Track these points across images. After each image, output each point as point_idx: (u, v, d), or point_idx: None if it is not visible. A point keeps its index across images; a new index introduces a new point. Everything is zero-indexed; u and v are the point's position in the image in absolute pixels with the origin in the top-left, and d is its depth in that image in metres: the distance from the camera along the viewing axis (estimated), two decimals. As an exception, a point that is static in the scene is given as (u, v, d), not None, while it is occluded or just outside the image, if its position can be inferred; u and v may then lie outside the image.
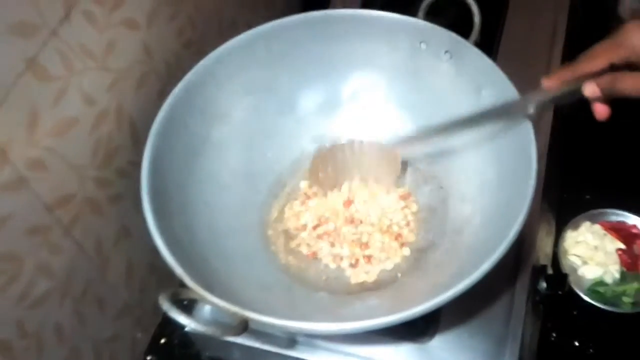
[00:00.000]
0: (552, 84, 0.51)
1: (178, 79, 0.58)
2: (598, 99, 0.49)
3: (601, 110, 0.50)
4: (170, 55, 0.64)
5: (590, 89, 0.48)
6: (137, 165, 0.54)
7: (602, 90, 0.48)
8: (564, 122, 0.76)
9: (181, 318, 0.45)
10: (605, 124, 0.51)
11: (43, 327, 0.53)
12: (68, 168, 0.53)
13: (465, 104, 0.61)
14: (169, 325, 0.72)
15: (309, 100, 0.68)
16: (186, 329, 0.58)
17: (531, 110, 0.53)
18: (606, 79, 0.48)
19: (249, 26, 0.62)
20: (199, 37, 0.69)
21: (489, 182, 0.59)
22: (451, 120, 0.58)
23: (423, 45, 0.63)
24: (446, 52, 0.62)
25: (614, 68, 0.48)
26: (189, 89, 0.59)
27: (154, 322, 0.72)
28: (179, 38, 0.65)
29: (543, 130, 0.70)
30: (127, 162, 0.60)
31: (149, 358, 0.70)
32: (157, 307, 0.69)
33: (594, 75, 0.48)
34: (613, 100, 0.49)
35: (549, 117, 0.71)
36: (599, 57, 0.48)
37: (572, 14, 0.81)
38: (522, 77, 0.56)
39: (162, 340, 0.71)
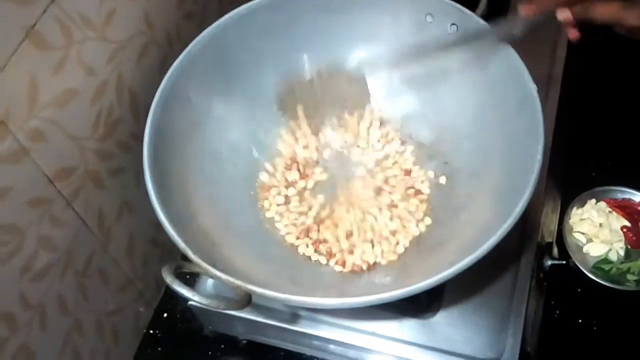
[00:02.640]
0: (529, 11, 0.53)
1: (179, 50, 0.58)
2: (570, 24, 0.52)
3: (573, 34, 0.53)
4: (171, 26, 0.63)
5: (563, 14, 0.51)
6: (138, 138, 0.53)
7: (575, 15, 0.51)
8: (571, 99, 0.75)
9: (184, 291, 0.44)
10: (612, 101, 0.51)
11: (46, 300, 0.53)
12: (69, 140, 0.52)
13: (471, 78, 0.61)
14: (171, 300, 0.72)
15: (311, 73, 0.67)
16: (189, 303, 0.59)
17: (506, 36, 0.55)
18: (580, 7, 0.51)
19: (251, -3, 0.61)
20: (200, 8, 0.68)
21: (495, 158, 0.58)
22: (421, 44, 0.59)
23: (429, 18, 0.62)
24: (453, 24, 0.61)
25: None
26: (191, 61, 0.58)
27: (157, 296, 0.72)
28: (180, 9, 0.64)
29: (550, 106, 0.69)
30: (128, 134, 0.60)
31: (151, 332, 0.71)
32: (159, 281, 0.70)
33: (570, 3, 0.51)
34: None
35: (555, 93, 0.70)
36: None
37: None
38: (529, 49, 0.55)
39: (165, 315, 0.72)
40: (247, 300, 0.46)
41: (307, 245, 0.60)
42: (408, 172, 0.65)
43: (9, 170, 0.46)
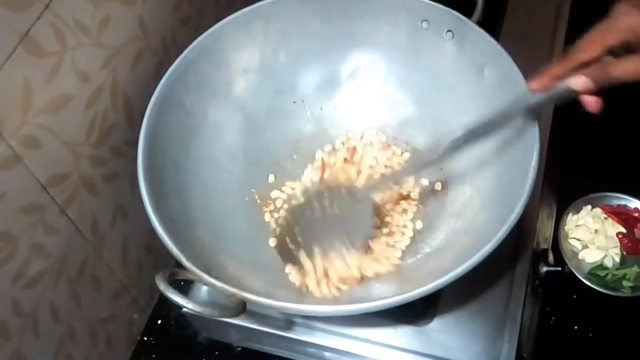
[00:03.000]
0: (539, 85, 0.48)
1: (174, 56, 0.57)
2: (590, 91, 0.46)
3: (592, 103, 0.47)
4: (166, 32, 0.63)
5: (580, 82, 0.45)
6: (133, 144, 0.53)
7: (595, 80, 0.45)
8: (566, 105, 0.75)
9: (178, 298, 0.44)
10: (608, 108, 0.49)
11: (38, 307, 0.52)
12: (63, 146, 0.52)
13: (467, 84, 0.61)
14: (165, 307, 0.71)
15: (307, 79, 0.67)
16: (183, 309, 0.59)
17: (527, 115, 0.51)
18: (599, 68, 0.45)
19: (247, 3, 0.61)
20: (196, 14, 0.68)
21: (490, 164, 0.58)
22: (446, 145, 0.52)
23: (425, 24, 0.62)
24: (448, 31, 0.61)
25: (611, 53, 0.45)
26: (186, 67, 0.58)
27: (151, 303, 0.71)
28: (175, 14, 0.64)
29: (545, 112, 0.69)
30: (122, 140, 0.60)
31: (145, 339, 0.70)
32: (153, 288, 0.70)
33: (588, 65, 0.46)
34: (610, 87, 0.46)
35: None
36: (593, 43, 0.46)
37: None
38: (526, 56, 0.56)
39: (159, 322, 0.71)
40: (241, 307, 0.46)
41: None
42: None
43: (2, 176, 0.46)
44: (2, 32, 0.43)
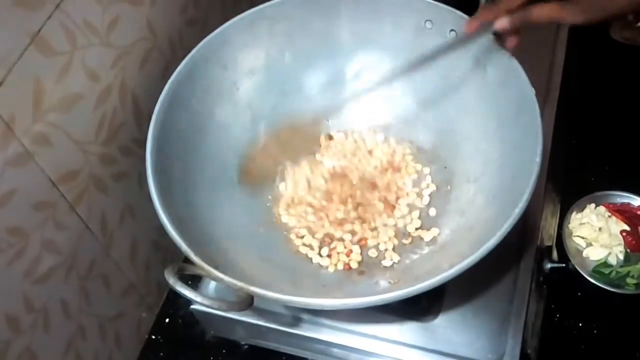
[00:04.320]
0: (472, 27, 0.55)
1: (181, 57, 0.58)
2: (508, 32, 0.53)
3: (512, 42, 0.54)
4: (173, 33, 0.64)
5: (500, 24, 0.52)
6: (141, 143, 0.54)
7: (514, 22, 0.52)
8: (570, 103, 0.76)
9: (187, 292, 0.45)
10: (611, 105, 0.51)
11: (49, 303, 0.53)
12: (73, 144, 0.53)
13: (470, 83, 0.61)
14: (173, 305, 0.72)
15: (312, 79, 0.67)
16: (191, 307, 0.59)
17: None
18: (519, 13, 0.51)
19: (252, 4, 0.62)
20: (202, 15, 0.69)
21: (493, 161, 0.58)
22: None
23: (428, 24, 0.63)
24: (452, 30, 0.61)
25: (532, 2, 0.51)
26: (193, 67, 0.59)
27: (159, 301, 0.72)
28: (183, 15, 0.65)
29: (549, 110, 0.69)
30: (130, 139, 0.60)
31: (153, 337, 0.71)
32: (161, 286, 0.71)
33: (508, 12, 0.52)
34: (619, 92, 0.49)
35: (554, 97, 0.71)
36: None
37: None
38: (528, 54, 0.56)
39: (167, 320, 0.72)
40: (249, 302, 0.46)
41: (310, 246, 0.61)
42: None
43: (14, 173, 0.46)
44: (14, 32, 0.44)
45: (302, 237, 0.61)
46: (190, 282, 0.62)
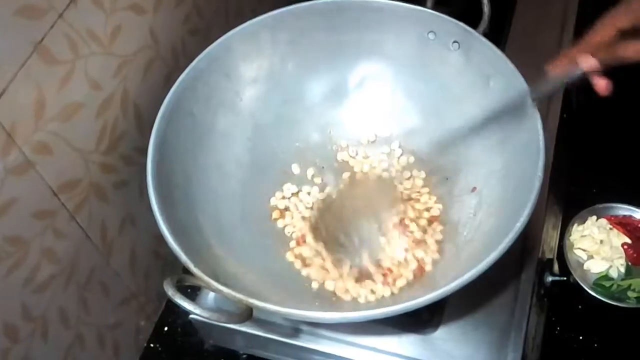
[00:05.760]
0: (559, 69, 0.50)
1: (184, 66, 0.58)
2: (596, 71, 0.48)
3: (601, 84, 0.49)
4: (176, 42, 0.64)
5: (587, 63, 0.47)
6: (142, 152, 0.54)
7: (602, 60, 0.47)
8: (572, 115, 0.76)
9: (185, 304, 0.44)
10: (613, 118, 0.50)
11: (48, 312, 0.53)
12: (74, 153, 0.52)
13: (473, 95, 0.61)
14: (172, 314, 0.72)
15: (315, 89, 0.67)
16: (190, 316, 0.59)
17: (540, 99, 0.53)
18: (608, 50, 0.47)
19: (255, 14, 0.62)
20: (205, 24, 0.69)
21: (496, 174, 0.58)
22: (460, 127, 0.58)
23: (431, 35, 0.63)
24: (454, 42, 0.61)
25: (622, 36, 0.47)
26: (195, 77, 0.59)
27: (158, 310, 0.72)
28: (185, 24, 0.65)
29: (551, 123, 0.69)
30: (132, 148, 0.60)
31: (152, 346, 0.71)
32: (160, 295, 0.71)
33: (595, 50, 0.48)
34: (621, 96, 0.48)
35: (556, 109, 0.71)
36: (606, 26, 0.48)
37: (582, 4, 0.80)
38: (531, 67, 0.56)
39: (165, 329, 0.72)
40: (248, 314, 0.46)
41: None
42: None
43: (15, 182, 0.46)
44: (16, 41, 0.44)
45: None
46: (189, 291, 0.62)
